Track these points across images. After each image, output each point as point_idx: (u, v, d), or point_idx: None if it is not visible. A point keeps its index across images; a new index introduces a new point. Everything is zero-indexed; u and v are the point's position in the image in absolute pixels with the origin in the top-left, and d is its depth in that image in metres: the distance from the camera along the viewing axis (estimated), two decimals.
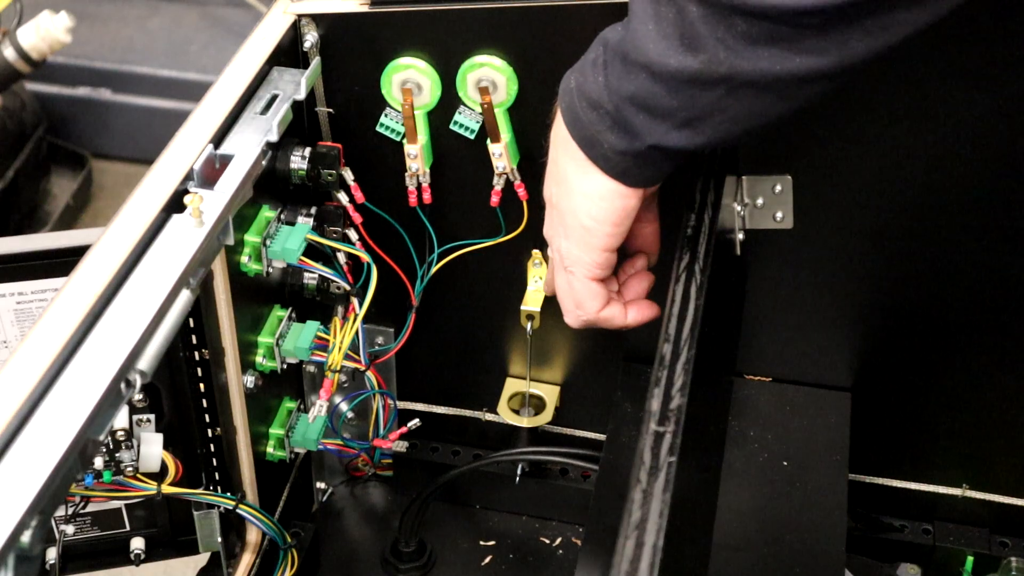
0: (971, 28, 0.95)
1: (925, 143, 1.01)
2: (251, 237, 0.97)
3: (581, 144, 0.83)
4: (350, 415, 1.20)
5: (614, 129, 0.80)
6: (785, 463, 1.11)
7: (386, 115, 1.06)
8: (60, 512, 0.98)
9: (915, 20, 0.72)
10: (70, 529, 1.00)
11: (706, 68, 0.74)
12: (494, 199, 1.08)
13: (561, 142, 0.85)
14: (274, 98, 0.98)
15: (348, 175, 1.06)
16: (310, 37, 1.03)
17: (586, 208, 0.85)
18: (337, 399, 1.14)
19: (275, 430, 1.10)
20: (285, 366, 1.06)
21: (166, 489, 1.00)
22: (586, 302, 0.91)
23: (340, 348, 1.06)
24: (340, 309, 1.11)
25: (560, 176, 0.86)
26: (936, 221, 1.05)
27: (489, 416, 1.24)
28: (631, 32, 0.77)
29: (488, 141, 1.04)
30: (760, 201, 1.06)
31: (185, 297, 0.83)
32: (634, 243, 0.94)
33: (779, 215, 1.06)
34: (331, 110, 1.07)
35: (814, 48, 0.72)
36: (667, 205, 0.94)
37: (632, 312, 0.94)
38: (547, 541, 1.25)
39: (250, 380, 1.02)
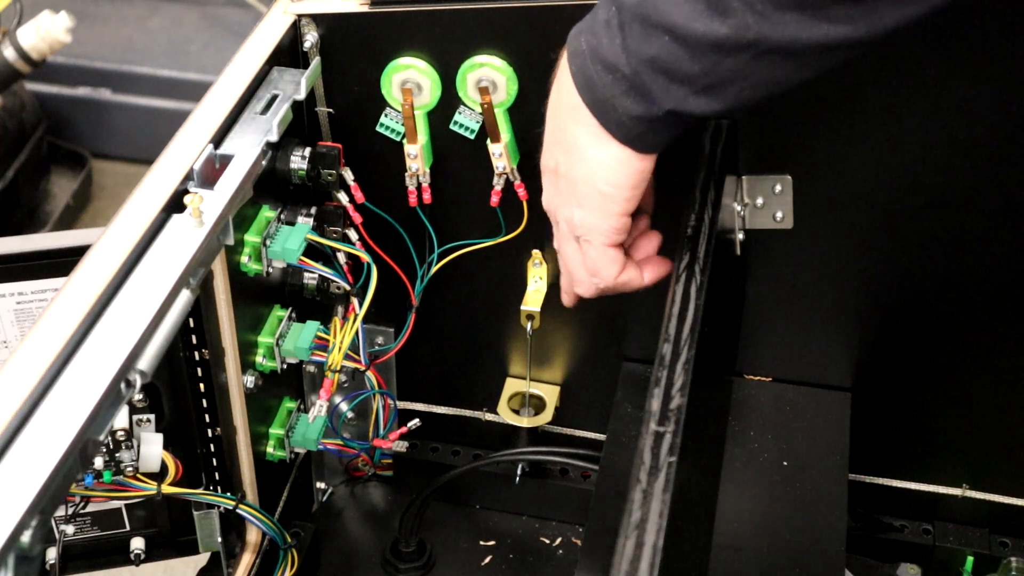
0: (972, 27, 0.95)
1: (925, 143, 1.01)
2: (251, 237, 0.97)
3: (594, 109, 0.81)
4: (350, 415, 1.20)
5: (630, 93, 0.79)
6: (785, 463, 1.11)
7: (386, 115, 1.06)
8: (60, 512, 0.98)
9: None
10: (70, 529, 1.00)
11: (733, 34, 0.73)
12: (494, 199, 1.08)
13: (568, 108, 0.83)
14: (274, 98, 0.98)
15: (348, 175, 1.06)
16: (310, 37, 1.03)
17: (603, 175, 0.84)
18: (337, 399, 1.14)
19: (275, 430, 1.10)
20: (285, 366, 1.06)
21: (166, 489, 1.00)
22: (604, 269, 0.89)
23: (340, 348, 1.06)
24: (340, 309, 1.11)
25: (569, 144, 0.85)
26: (936, 221, 1.05)
27: (489, 416, 1.24)
28: None
29: (488, 141, 1.04)
30: (760, 201, 1.06)
31: (185, 297, 0.83)
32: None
33: (779, 215, 1.06)
34: (331, 110, 1.07)
35: (843, 16, 0.71)
36: (667, 205, 0.94)
37: (648, 272, 0.92)
38: (547, 541, 1.25)
39: (250, 380, 1.02)
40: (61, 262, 0.95)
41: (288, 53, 1.03)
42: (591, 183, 0.85)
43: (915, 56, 0.97)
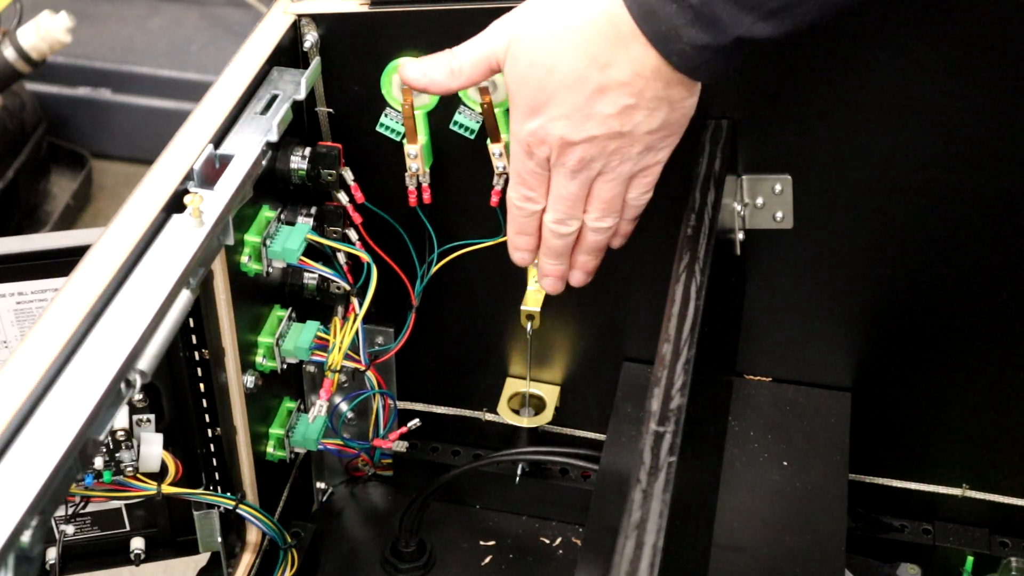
0: (972, 27, 0.95)
1: (926, 143, 1.01)
2: (251, 237, 0.97)
3: (655, 41, 0.81)
4: (350, 415, 1.20)
5: (696, 22, 0.79)
6: (785, 463, 1.11)
7: (386, 115, 1.06)
8: (60, 512, 0.98)
9: None
10: (70, 529, 1.00)
11: None
12: (494, 199, 1.08)
13: (606, 58, 0.84)
14: (274, 98, 0.98)
15: (348, 175, 1.06)
16: (310, 37, 1.03)
17: (681, 111, 0.87)
18: (337, 399, 1.14)
19: (275, 430, 1.10)
20: (285, 366, 1.06)
21: (166, 489, 1.00)
22: (647, 197, 0.94)
23: (340, 348, 1.06)
24: (340, 309, 1.11)
25: (657, 103, 0.86)
26: (936, 221, 1.05)
27: (489, 416, 1.24)
28: None
29: (488, 141, 1.04)
30: (760, 201, 1.06)
31: (185, 297, 0.83)
32: None
33: (779, 215, 1.06)
34: (331, 110, 1.07)
35: None
36: (667, 205, 0.94)
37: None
38: (547, 541, 1.25)
39: (250, 380, 1.02)
40: (61, 262, 0.95)
41: (288, 53, 1.03)
42: (685, 119, 0.89)
43: (915, 56, 0.97)
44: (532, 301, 1.13)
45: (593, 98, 0.86)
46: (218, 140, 0.93)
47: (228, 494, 1.04)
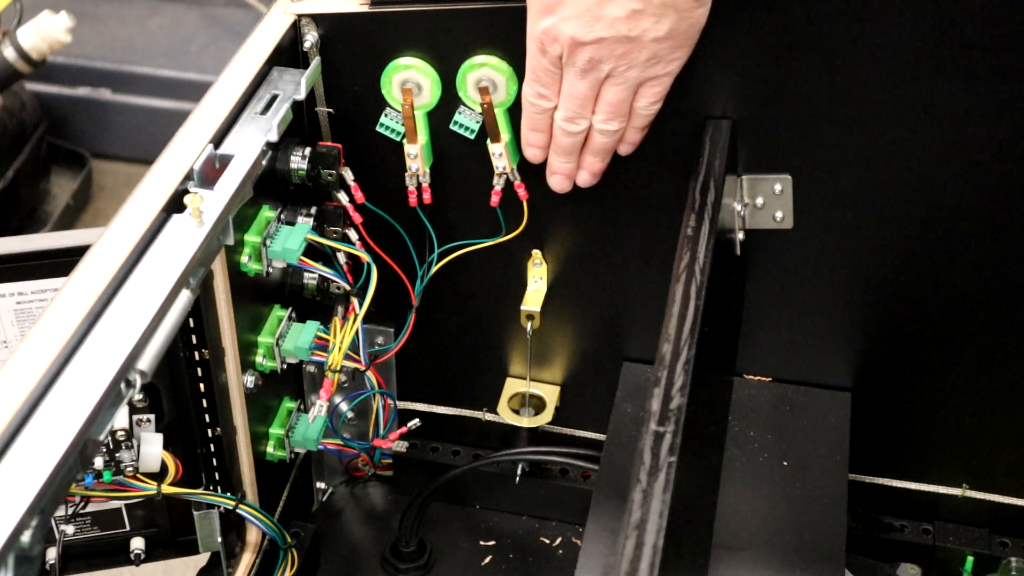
0: (972, 26, 0.95)
1: (925, 143, 1.01)
2: (251, 237, 0.97)
3: None
4: (350, 415, 1.20)
5: None
6: (785, 463, 1.11)
7: (386, 115, 1.06)
8: (60, 512, 0.98)
9: None
10: (70, 529, 1.00)
11: None
12: (494, 199, 1.08)
13: None
14: (274, 98, 0.98)
15: (348, 175, 1.06)
16: (310, 37, 1.03)
17: (682, 27, 0.91)
18: (337, 399, 1.14)
19: (275, 430, 1.10)
20: (285, 366, 1.06)
21: (166, 489, 1.00)
22: (659, 102, 0.97)
23: (340, 348, 1.06)
24: (340, 309, 1.11)
25: (665, 9, 0.90)
26: (936, 221, 1.05)
27: (489, 416, 1.24)
28: None
29: (488, 141, 1.04)
30: (760, 201, 1.06)
31: (185, 297, 0.83)
32: None
33: (779, 215, 1.06)
34: (331, 110, 1.07)
35: None
36: (667, 205, 0.94)
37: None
38: (547, 541, 1.25)
39: (250, 380, 1.02)
40: (61, 262, 0.95)
41: (288, 53, 1.03)
42: (697, 27, 0.92)
43: (915, 57, 0.97)
44: (532, 301, 1.13)
45: (603, 1, 0.90)
46: (218, 140, 0.93)
47: (228, 494, 1.04)
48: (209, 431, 1.01)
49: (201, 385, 0.98)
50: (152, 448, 0.97)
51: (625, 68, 0.94)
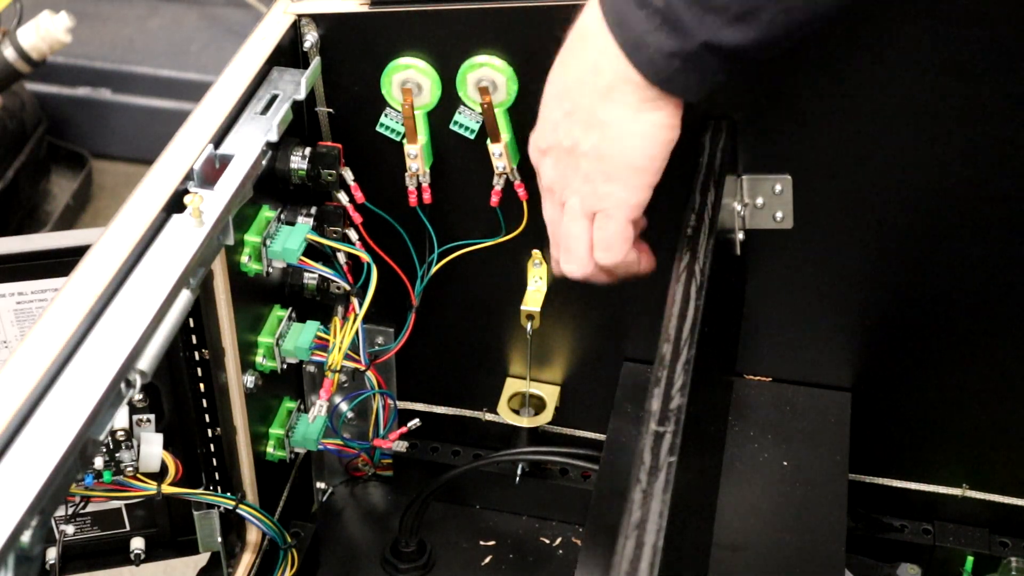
0: (972, 27, 0.95)
1: (925, 143, 1.01)
2: (251, 237, 0.97)
3: (625, 47, 0.81)
4: (350, 415, 1.20)
5: (663, 28, 0.78)
6: (785, 463, 1.11)
7: (386, 115, 1.06)
8: (60, 512, 0.98)
9: None
10: (70, 529, 1.00)
11: None
12: (494, 199, 1.08)
13: (595, 85, 0.83)
14: (274, 98, 0.98)
15: (348, 175, 1.06)
16: (310, 37, 1.03)
17: (640, 146, 0.85)
18: (337, 399, 1.14)
19: (275, 430, 1.10)
20: (285, 366, 1.06)
21: (166, 489, 1.00)
22: (618, 244, 0.89)
23: (340, 348, 1.06)
24: (340, 309, 1.11)
25: (597, 120, 0.85)
26: (936, 221, 1.05)
27: (489, 416, 1.24)
28: None
29: (488, 141, 1.04)
30: (760, 201, 1.06)
31: (185, 297, 0.83)
32: None
33: (779, 215, 1.06)
34: (331, 110, 1.07)
35: None
36: (667, 205, 0.94)
37: (644, 258, 0.94)
38: (547, 541, 1.25)
39: (250, 380, 1.02)
40: (61, 262, 0.95)
41: (288, 53, 1.03)
42: (625, 157, 0.85)
43: (915, 57, 0.97)
44: (532, 301, 1.13)
45: (548, 104, 0.88)
46: (218, 140, 0.93)
47: (228, 494, 1.04)
48: (209, 431, 1.01)
49: (201, 385, 0.98)
50: (152, 448, 0.97)
51: (570, 193, 0.89)
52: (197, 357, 0.97)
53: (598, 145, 0.86)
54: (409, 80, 1.04)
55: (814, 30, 0.79)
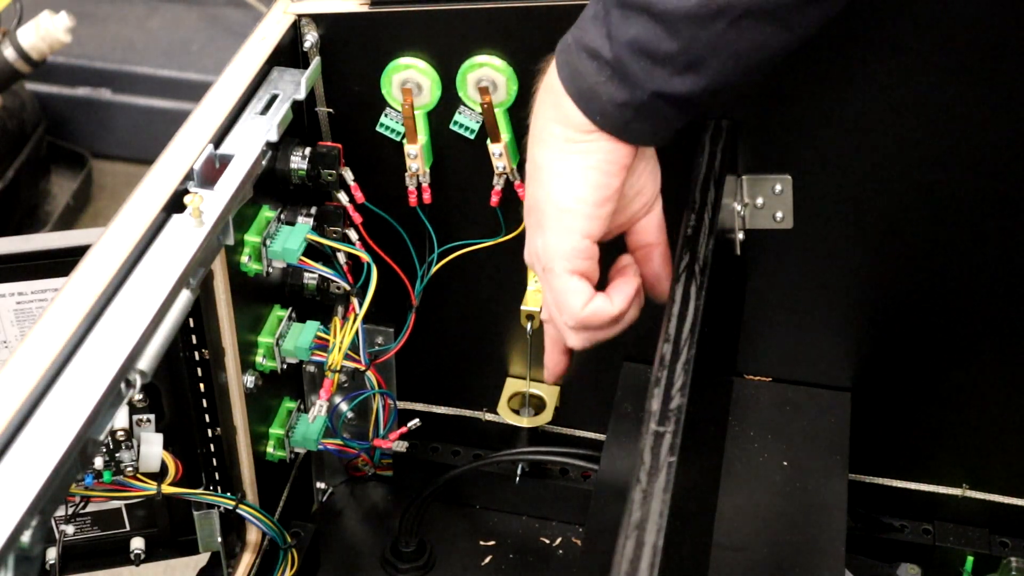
0: (971, 26, 0.95)
1: (925, 142, 1.01)
2: (251, 237, 0.97)
3: (579, 100, 0.80)
4: (350, 415, 1.20)
5: (614, 79, 0.78)
6: (785, 463, 1.11)
7: (386, 115, 1.06)
8: (60, 512, 0.98)
9: None
10: (70, 529, 1.00)
11: (704, 1, 0.73)
12: (494, 199, 1.08)
13: (544, 124, 0.83)
14: (274, 98, 0.98)
15: (348, 175, 1.06)
16: (310, 37, 1.03)
17: (568, 188, 0.82)
18: (337, 399, 1.14)
19: (275, 430, 1.10)
20: (285, 366, 1.06)
21: (166, 489, 1.00)
22: (567, 299, 0.84)
23: (340, 348, 1.06)
24: (340, 309, 1.11)
25: (539, 164, 0.84)
26: (936, 221, 1.05)
27: (489, 416, 1.24)
28: None
29: (488, 141, 1.04)
30: (760, 201, 1.06)
31: (185, 297, 0.83)
32: (637, 238, 0.91)
33: (779, 215, 1.06)
34: (331, 110, 1.07)
35: None
36: (667, 205, 0.94)
37: (615, 296, 0.87)
38: (547, 541, 1.25)
39: (250, 380, 1.02)
40: (61, 262, 0.95)
41: (288, 53, 1.03)
42: (553, 200, 0.83)
43: (915, 56, 0.97)
44: (532, 301, 1.13)
45: (528, 161, 0.86)
46: (218, 140, 0.93)
47: (228, 494, 1.04)
48: (209, 431, 1.01)
49: (201, 385, 0.98)
50: (152, 448, 0.97)
51: (530, 250, 0.87)
52: (197, 357, 0.97)
53: (536, 193, 0.84)
54: (409, 80, 1.04)
55: (767, 73, 0.79)
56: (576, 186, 0.82)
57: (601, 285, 0.88)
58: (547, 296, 0.88)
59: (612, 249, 0.90)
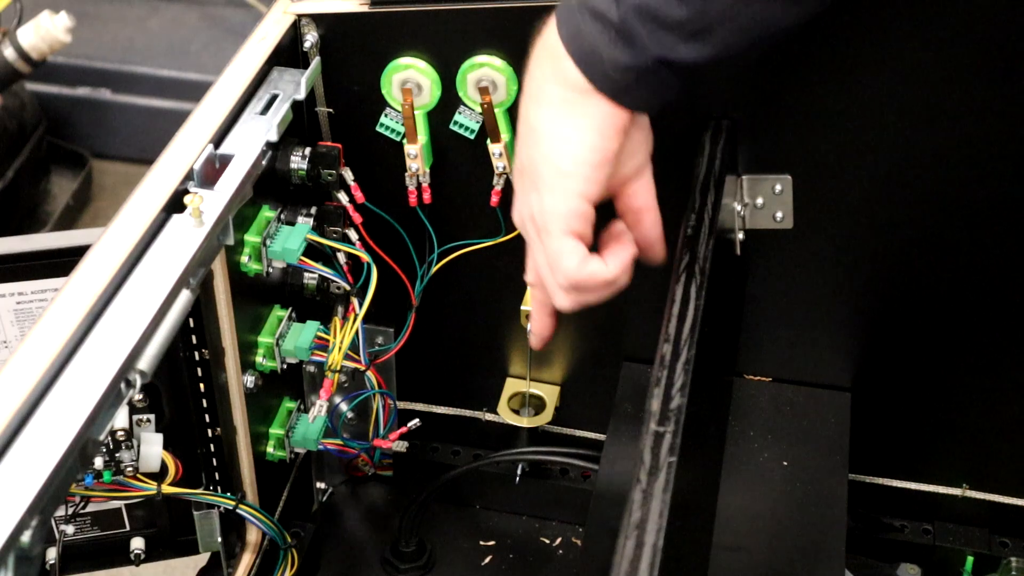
0: (971, 26, 0.95)
1: (925, 143, 1.01)
2: (251, 237, 0.97)
3: (580, 62, 0.80)
4: (350, 415, 1.20)
5: (618, 42, 0.77)
6: (785, 463, 1.11)
7: (386, 115, 1.06)
8: (60, 512, 0.98)
9: None
10: (70, 529, 1.00)
11: None
12: (494, 199, 1.08)
13: (540, 84, 0.82)
14: (274, 98, 0.98)
15: (348, 175, 1.06)
16: (310, 37, 1.03)
17: (566, 150, 0.82)
18: (337, 399, 1.14)
19: (275, 430, 1.10)
20: (285, 366, 1.06)
21: (166, 489, 1.00)
22: (562, 259, 0.84)
23: (340, 348, 1.06)
24: (340, 309, 1.11)
25: (533, 125, 0.83)
26: (936, 221, 1.05)
27: (489, 416, 1.24)
28: None
29: (488, 141, 1.04)
30: (760, 201, 1.06)
31: (185, 297, 0.83)
32: (627, 202, 0.90)
33: (779, 215, 1.06)
34: (331, 110, 1.07)
35: None
36: (667, 205, 0.94)
37: (609, 259, 0.86)
38: (547, 541, 1.25)
39: (250, 380, 1.02)
40: (61, 262, 0.95)
41: (288, 53, 1.03)
42: (552, 162, 0.82)
43: (915, 56, 0.97)
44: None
45: (521, 121, 0.86)
46: (218, 140, 0.93)
47: (228, 494, 1.04)
48: (209, 431, 1.01)
49: (201, 385, 0.98)
50: (152, 448, 0.97)
51: (523, 212, 0.86)
52: (197, 357, 0.97)
53: (531, 154, 0.84)
54: (409, 80, 1.04)
55: (771, 45, 0.79)
56: (574, 148, 0.82)
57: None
58: (538, 258, 0.88)
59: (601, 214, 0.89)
